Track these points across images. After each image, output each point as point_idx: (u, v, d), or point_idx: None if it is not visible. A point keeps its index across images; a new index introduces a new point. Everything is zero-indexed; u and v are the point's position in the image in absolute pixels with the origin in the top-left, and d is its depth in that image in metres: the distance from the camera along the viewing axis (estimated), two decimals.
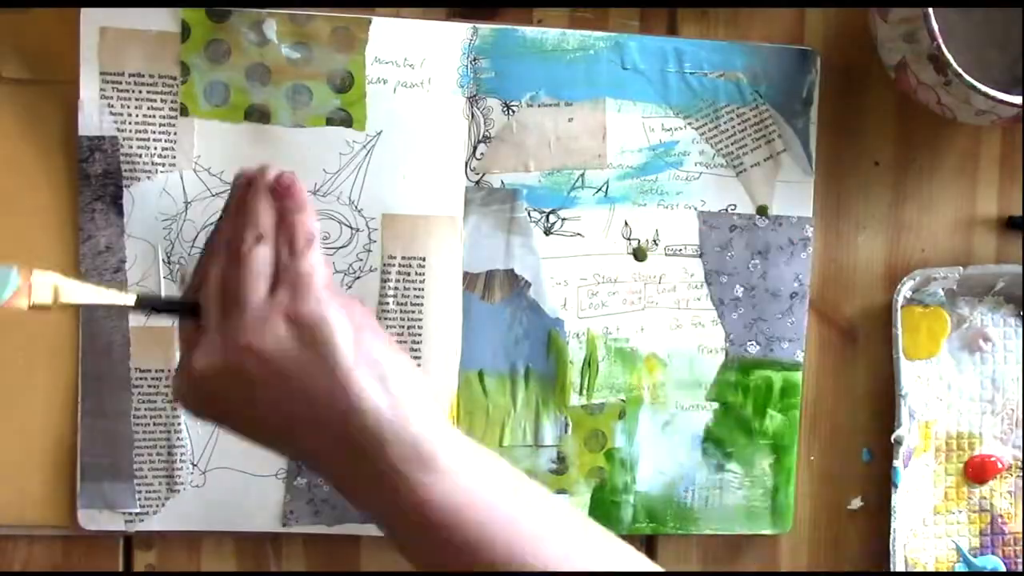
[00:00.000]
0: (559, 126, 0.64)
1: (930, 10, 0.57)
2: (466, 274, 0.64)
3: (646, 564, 0.48)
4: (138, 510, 0.62)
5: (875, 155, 0.68)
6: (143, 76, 0.60)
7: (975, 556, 0.69)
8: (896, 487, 0.67)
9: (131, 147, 0.60)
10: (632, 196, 0.65)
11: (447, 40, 0.62)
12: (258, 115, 0.61)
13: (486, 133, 0.63)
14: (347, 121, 0.62)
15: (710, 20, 0.66)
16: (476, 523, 0.44)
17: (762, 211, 0.66)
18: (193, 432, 0.62)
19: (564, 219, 0.64)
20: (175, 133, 0.61)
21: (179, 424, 0.62)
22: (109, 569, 0.64)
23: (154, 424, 0.62)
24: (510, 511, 0.45)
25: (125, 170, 0.61)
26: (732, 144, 0.65)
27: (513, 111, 0.63)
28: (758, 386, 0.66)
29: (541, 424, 0.65)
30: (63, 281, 0.47)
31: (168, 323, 0.61)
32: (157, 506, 0.62)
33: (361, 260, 0.63)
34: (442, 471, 0.44)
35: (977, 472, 0.69)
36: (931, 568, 0.68)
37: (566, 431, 0.65)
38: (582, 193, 0.64)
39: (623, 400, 0.65)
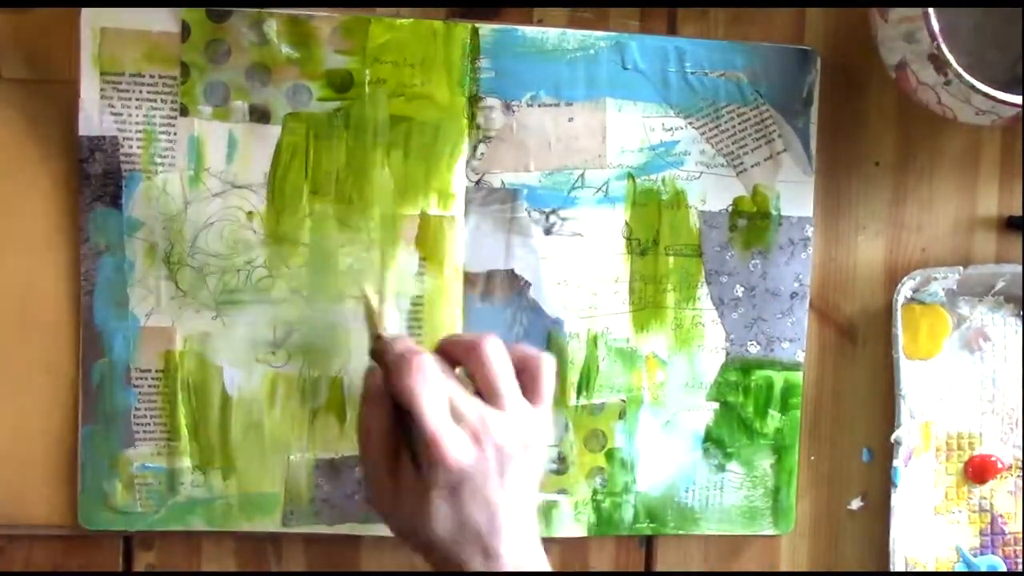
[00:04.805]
0: (559, 126, 0.64)
1: (930, 10, 0.57)
2: (466, 274, 0.64)
3: None
4: (138, 510, 0.62)
5: (875, 155, 0.68)
6: (143, 76, 0.60)
7: (975, 556, 0.69)
8: (896, 487, 0.67)
9: (131, 147, 0.60)
10: (632, 196, 0.65)
11: (447, 40, 0.62)
12: (258, 115, 0.61)
13: (486, 133, 0.63)
14: (347, 121, 0.62)
15: (710, 20, 0.66)
16: None
17: (762, 211, 0.66)
18: (193, 432, 0.62)
19: (564, 219, 0.64)
20: (175, 133, 0.61)
21: (179, 424, 0.62)
22: (109, 569, 0.63)
23: (154, 424, 0.62)
24: None
25: (125, 170, 0.60)
26: (732, 144, 0.65)
27: (513, 111, 0.63)
28: (759, 386, 0.66)
29: None
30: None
31: (168, 323, 0.61)
32: (157, 506, 0.62)
33: (362, 260, 0.62)
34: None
35: (977, 472, 0.69)
36: (931, 568, 0.68)
37: (566, 431, 0.65)
38: (582, 193, 0.64)
39: (623, 400, 0.65)
